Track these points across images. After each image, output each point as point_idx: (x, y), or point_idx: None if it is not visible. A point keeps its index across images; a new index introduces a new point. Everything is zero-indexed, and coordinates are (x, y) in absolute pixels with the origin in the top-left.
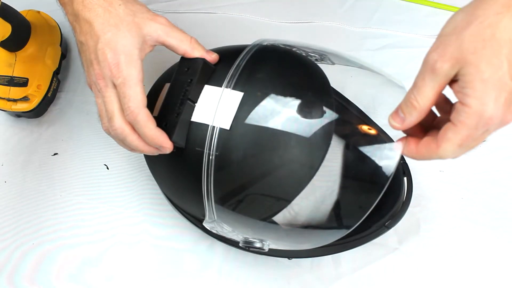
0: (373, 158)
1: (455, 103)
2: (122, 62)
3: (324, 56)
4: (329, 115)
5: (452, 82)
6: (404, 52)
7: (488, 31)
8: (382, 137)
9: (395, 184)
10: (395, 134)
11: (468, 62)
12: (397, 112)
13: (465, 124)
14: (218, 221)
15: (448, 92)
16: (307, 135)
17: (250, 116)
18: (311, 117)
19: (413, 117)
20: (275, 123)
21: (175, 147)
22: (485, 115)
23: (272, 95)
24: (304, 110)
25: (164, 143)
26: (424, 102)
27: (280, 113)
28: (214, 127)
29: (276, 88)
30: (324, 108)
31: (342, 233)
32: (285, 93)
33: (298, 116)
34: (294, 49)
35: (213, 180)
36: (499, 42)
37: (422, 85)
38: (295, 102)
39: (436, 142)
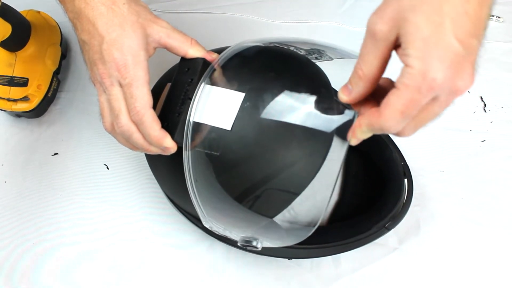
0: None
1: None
2: (130, 63)
3: (322, 52)
4: (331, 114)
5: (398, 47)
6: None
7: None
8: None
9: (395, 185)
10: None
11: (407, 20)
12: (346, 84)
13: (408, 86)
14: (209, 219)
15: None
16: (308, 136)
17: (251, 116)
18: (311, 118)
19: (359, 87)
20: (276, 123)
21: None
22: (429, 75)
23: (273, 96)
24: (305, 110)
25: (168, 144)
26: (369, 69)
27: (280, 114)
28: (190, 121)
29: (276, 89)
30: (326, 108)
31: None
32: (285, 94)
33: (298, 117)
34: (292, 48)
35: (193, 177)
36: None
37: (365, 52)
38: (295, 103)
39: (379, 110)
